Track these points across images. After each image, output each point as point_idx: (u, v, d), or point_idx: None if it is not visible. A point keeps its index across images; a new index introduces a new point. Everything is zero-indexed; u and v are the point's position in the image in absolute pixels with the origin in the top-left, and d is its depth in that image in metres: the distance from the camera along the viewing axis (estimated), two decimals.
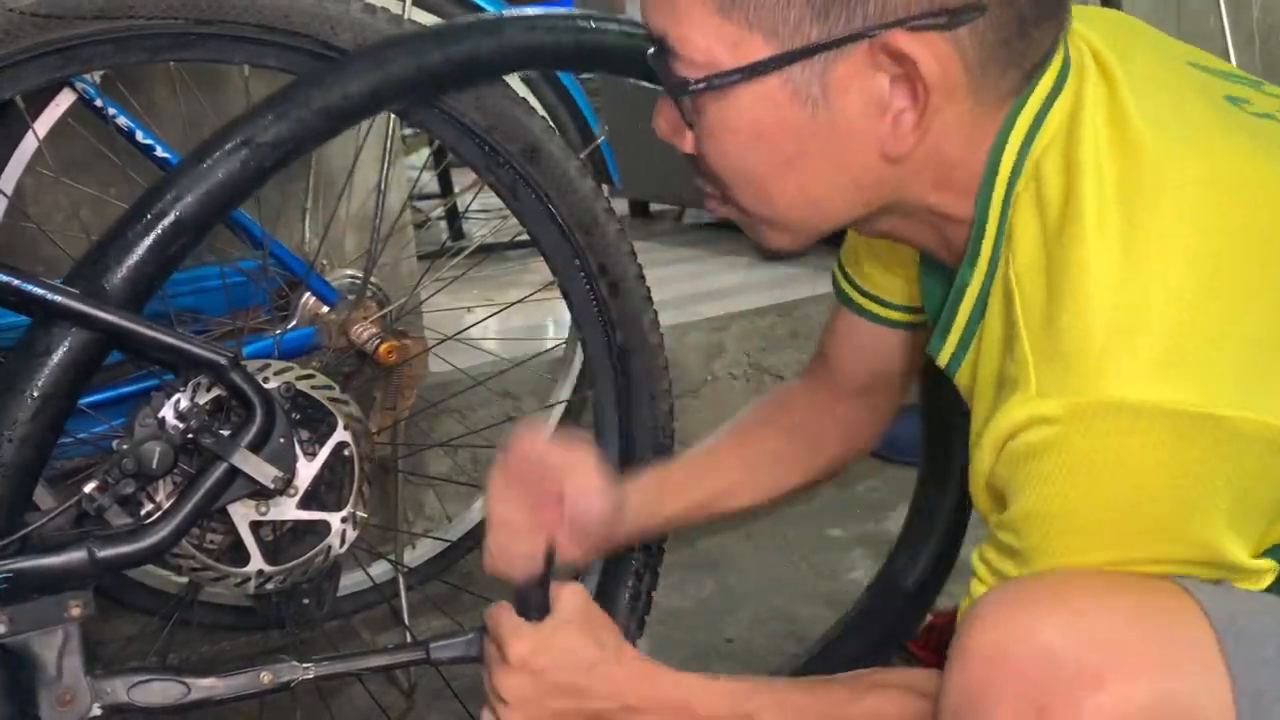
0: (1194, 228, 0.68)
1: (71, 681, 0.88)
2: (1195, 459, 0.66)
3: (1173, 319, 0.66)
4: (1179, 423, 0.65)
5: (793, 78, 0.71)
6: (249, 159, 0.92)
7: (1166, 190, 0.68)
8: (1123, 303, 0.66)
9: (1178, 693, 0.65)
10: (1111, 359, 0.65)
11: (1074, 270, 0.68)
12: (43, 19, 0.95)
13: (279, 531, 1.00)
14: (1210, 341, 0.66)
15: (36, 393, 0.86)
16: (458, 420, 1.84)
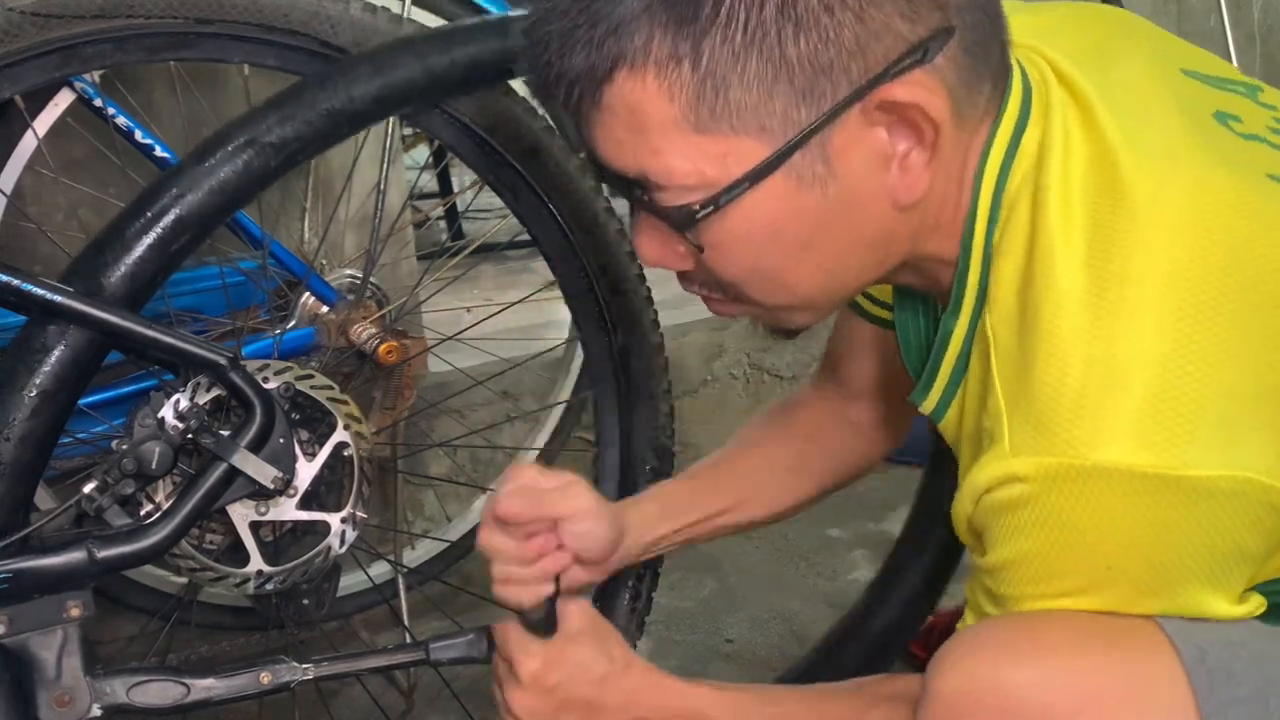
0: (1168, 275, 0.65)
1: (71, 682, 0.88)
2: (1170, 520, 0.64)
3: (1147, 379, 0.64)
4: (1153, 486, 0.63)
5: (795, 166, 0.67)
6: (253, 159, 0.92)
7: (1139, 234, 0.66)
8: (1095, 361, 0.64)
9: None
10: (1084, 421, 0.64)
11: (1045, 325, 0.66)
12: (42, 18, 0.95)
13: (278, 532, 1.00)
14: (1186, 401, 0.63)
15: (35, 391, 0.85)
16: (458, 420, 1.84)
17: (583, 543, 0.93)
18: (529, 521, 0.92)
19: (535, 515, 0.92)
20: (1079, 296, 0.66)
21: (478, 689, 1.44)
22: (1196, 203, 0.67)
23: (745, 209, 0.68)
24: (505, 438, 1.90)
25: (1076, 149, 0.69)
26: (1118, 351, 0.64)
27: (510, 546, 0.92)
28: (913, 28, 0.65)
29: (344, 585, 1.56)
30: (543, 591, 0.91)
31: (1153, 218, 0.66)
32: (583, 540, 0.93)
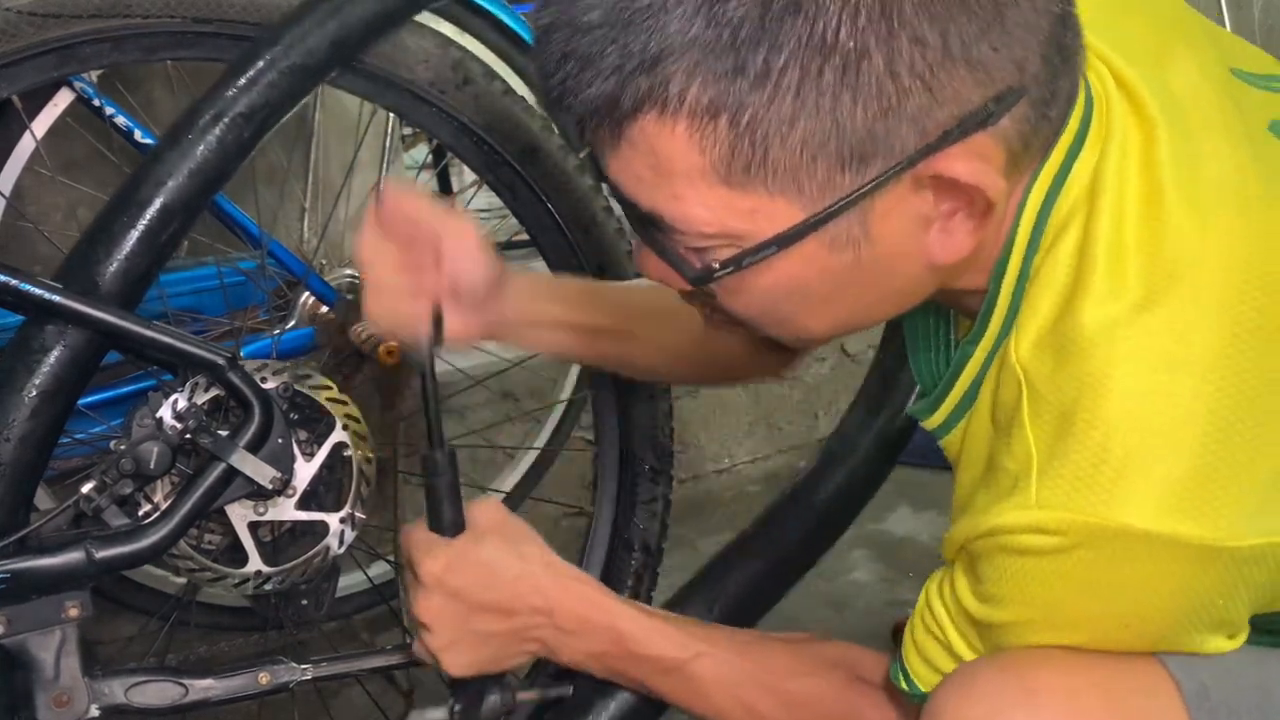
0: (1221, 328, 0.61)
1: (69, 682, 0.88)
2: (1203, 587, 0.63)
3: (1195, 446, 0.60)
4: (1192, 555, 0.61)
5: (829, 231, 0.62)
6: (225, 134, 0.90)
7: (1193, 282, 0.61)
8: (1149, 421, 0.61)
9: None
10: (1126, 485, 0.60)
11: (1093, 376, 0.61)
12: (40, 18, 0.95)
13: (277, 532, 1.00)
14: (1233, 471, 0.60)
15: (35, 391, 0.85)
16: (458, 420, 1.84)
17: (464, 268, 0.85)
18: (412, 228, 0.84)
19: (422, 221, 0.84)
20: (1132, 351, 0.61)
21: None
22: (1255, 243, 0.63)
23: (769, 267, 0.63)
24: (505, 438, 1.90)
25: (1132, 181, 0.64)
26: (1167, 419, 0.61)
27: (389, 252, 0.85)
28: (983, 91, 0.59)
29: (343, 585, 1.56)
30: (421, 316, 0.84)
31: (1208, 266, 0.62)
32: (465, 265, 0.85)
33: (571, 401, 1.74)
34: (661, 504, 1.21)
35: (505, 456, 1.84)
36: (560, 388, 1.79)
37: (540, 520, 1.96)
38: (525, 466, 1.75)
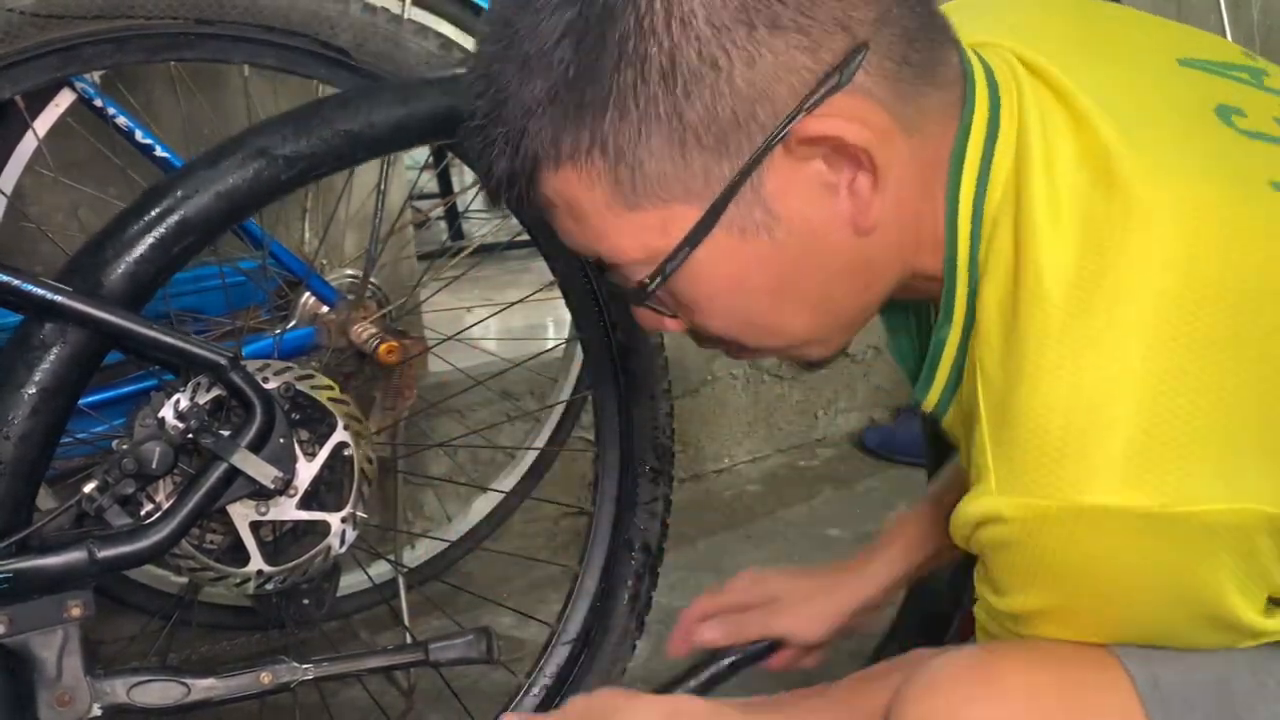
0: (1158, 302, 0.62)
1: (71, 682, 0.88)
2: (1174, 559, 0.63)
3: (1134, 414, 0.61)
4: (1146, 525, 0.61)
5: (733, 219, 0.66)
6: (263, 169, 0.91)
7: (1132, 251, 0.62)
8: (1080, 396, 0.61)
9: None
10: (1069, 462, 0.61)
11: (1029, 356, 0.63)
12: (42, 19, 0.95)
13: (279, 532, 1.00)
14: (1180, 435, 0.60)
15: (35, 389, 0.85)
16: (458, 420, 1.84)
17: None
18: None
19: None
20: (1063, 322, 0.62)
21: (478, 689, 1.44)
22: (1192, 222, 0.63)
23: (698, 271, 0.68)
24: (505, 438, 1.90)
25: (1061, 149, 0.66)
26: (1103, 385, 0.61)
27: None
28: (815, 56, 0.62)
29: (344, 585, 1.56)
30: None
31: (1147, 235, 0.62)
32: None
33: (571, 401, 1.74)
34: (662, 504, 1.21)
35: (505, 456, 1.85)
36: (560, 388, 1.79)
37: (540, 520, 1.97)
38: (525, 466, 1.75)
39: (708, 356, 2.20)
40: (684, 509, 2.01)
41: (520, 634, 1.59)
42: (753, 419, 2.28)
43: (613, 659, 1.20)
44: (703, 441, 2.21)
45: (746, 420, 2.27)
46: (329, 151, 0.93)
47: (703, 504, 2.07)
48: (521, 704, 1.17)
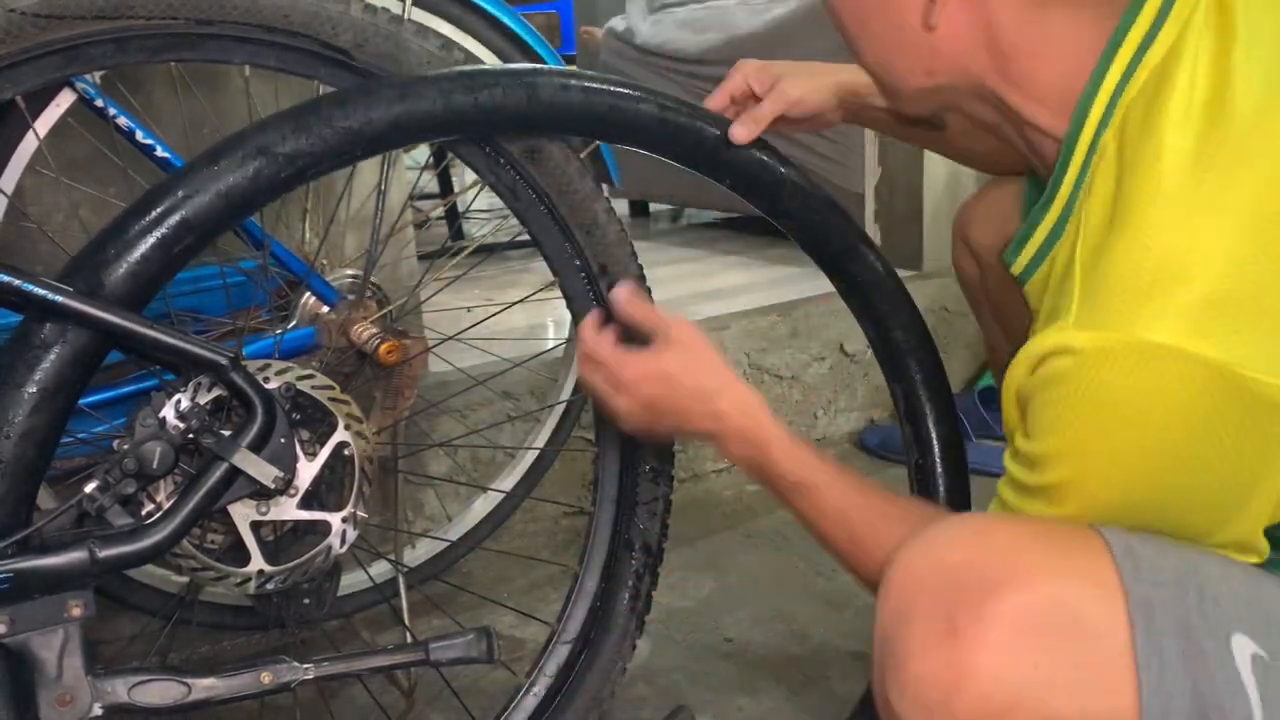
0: (1263, 188, 0.69)
1: (72, 681, 0.88)
2: (1209, 412, 0.67)
3: (1219, 273, 0.67)
4: (1203, 374, 0.66)
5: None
6: (263, 168, 0.91)
7: (1243, 165, 0.69)
8: (1175, 249, 0.68)
9: (1070, 599, 0.69)
10: (1149, 303, 0.67)
11: (1137, 211, 0.70)
12: (43, 19, 0.95)
13: (279, 531, 1.01)
14: (1252, 302, 0.67)
15: (36, 389, 0.86)
16: (458, 420, 1.84)
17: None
18: None
19: None
20: (1176, 190, 0.69)
21: (478, 689, 1.44)
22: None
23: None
24: (505, 438, 1.91)
25: (1202, 74, 0.73)
26: (1201, 242, 0.68)
27: None
28: None
29: (345, 584, 1.56)
30: None
31: (1259, 154, 0.70)
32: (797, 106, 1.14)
33: (571, 401, 1.74)
34: (662, 504, 1.21)
35: (505, 456, 1.85)
36: (560, 388, 1.79)
37: (541, 520, 1.97)
38: (525, 466, 1.75)
39: None
40: (684, 509, 2.02)
41: (520, 634, 1.59)
42: None
43: (613, 659, 1.20)
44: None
45: None
46: (328, 149, 0.93)
47: (703, 504, 2.07)
48: (521, 704, 1.18)
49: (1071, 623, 0.69)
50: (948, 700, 0.69)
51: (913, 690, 0.71)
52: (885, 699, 0.74)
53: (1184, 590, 0.70)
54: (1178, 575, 0.70)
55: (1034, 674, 0.67)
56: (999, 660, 0.68)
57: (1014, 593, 0.69)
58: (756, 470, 1.01)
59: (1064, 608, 0.69)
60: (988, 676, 0.68)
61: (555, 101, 1.01)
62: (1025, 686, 0.68)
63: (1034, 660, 0.68)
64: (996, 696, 0.68)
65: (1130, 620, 0.68)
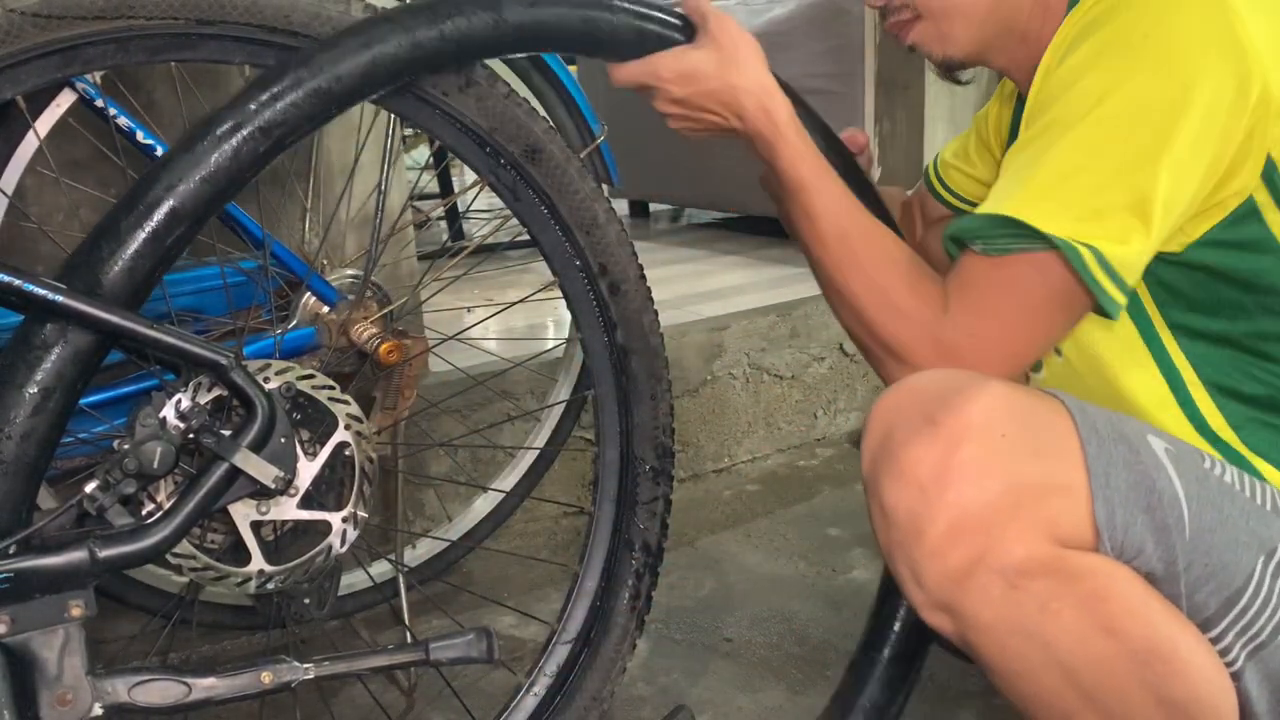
0: None
1: (72, 681, 0.88)
2: (1201, 60, 0.82)
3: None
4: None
5: None
6: (242, 145, 0.90)
7: None
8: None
9: (1023, 399, 0.83)
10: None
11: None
12: (43, 19, 0.95)
13: (280, 531, 1.01)
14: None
15: (36, 389, 0.86)
16: (458, 420, 1.84)
17: None
18: None
19: None
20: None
21: (478, 689, 1.44)
22: None
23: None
24: (505, 438, 1.91)
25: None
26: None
27: None
28: None
29: (345, 584, 1.56)
30: None
31: None
32: None
33: (571, 401, 1.74)
34: (662, 503, 1.21)
35: (505, 456, 1.85)
36: (561, 388, 1.79)
37: (540, 520, 1.97)
38: (525, 466, 1.75)
39: (708, 357, 2.21)
40: (684, 509, 2.02)
41: (520, 633, 1.59)
42: (752, 419, 2.29)
43: (613, 658, 1.20)
44: (703, 441, 2.22)
45: (746, 420, 2.28)
46: (302, 114, 0.93)
47: (703, 504, 2.07)
48: (521, 704, 1.18)
49: (1027, 410, 0.82)
50: (938, 473, 0.79)
51: (908, 472, 0.81)
52: (882, 503, 0.83)
53: (1107, 411, 0.85)
54: (1102, 408, 0.85)
55: (1003, 442, 0.80)
56: (974, 433, 0.79)
57: (980, 390, 0.81)
58: (770, 170, 1.06)
59: (1019, 400, 0.82)
60: (966, 447, 0.79)
61: (523, 20, 1.01)
62: (998, 453, 0.80)
63: (1001, 431, 0.80)
64: (976, 462, 0.79)
65: (1071, 414, 0.82)
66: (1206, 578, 0.80)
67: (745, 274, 2.87)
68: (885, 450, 0.83)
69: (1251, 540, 0.81)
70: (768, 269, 2.90)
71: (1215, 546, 0.80)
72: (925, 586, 0.82)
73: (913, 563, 0.82)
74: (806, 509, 2.02)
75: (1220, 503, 0.81)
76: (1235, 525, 0.81)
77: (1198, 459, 0.84)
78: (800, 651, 1.53)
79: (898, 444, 0.82)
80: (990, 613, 0.80)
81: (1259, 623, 0.81)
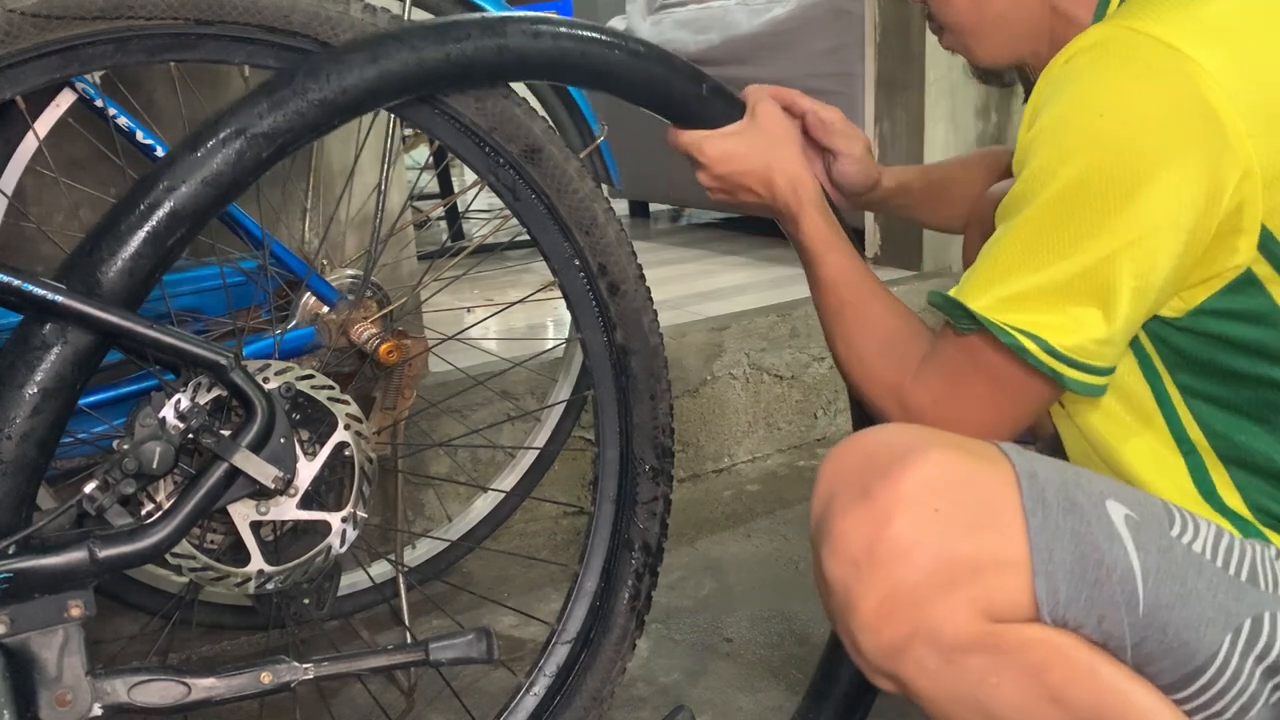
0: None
1: (71, 681, 0.88)
2: (1170, 132, 0.79)
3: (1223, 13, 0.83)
4: (1182, 79, 0.79)
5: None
6: (245, 150, 0.91)
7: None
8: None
9: (965, 465, 0.80)
10: (1165, 11, 0.82)
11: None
12: (43, 19, 0.95)
13: (279, 531, 1.01)
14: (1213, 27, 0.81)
15: (36, 389, 0.86)
16: (458, 420, 1.84)
17: (844, 182, 1.20)
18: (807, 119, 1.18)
19: (815, 136, 1.18)
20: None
21: (478, 688, 1.44)
22: None
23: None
24: (505, 438, 1.91)
25: None
26: None
27: (789, 130, 1.16)
28: None
29: (345, 584, 1.56)
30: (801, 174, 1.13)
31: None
32: (845, 180, 1.20)
33: (571, 401, 1.74)
34: (662, 503, 1.21)
35: (505, 456, 1.85)
36: (561, 388, 1.79)
37: (540, 520, 1.97)
38: (525, 466, 1.75)
39: (708, 357, 2.20)
40: (684, 509, 2.02)
41: (520, 633, 1.59)
42: (752, 419, 2.29)
43: (613, 658, 1.20)
44: (703, 441, 2.22)
45: (746, 420, 2.28)
46: (306, 123, 0.93)
47: (703, 504, 2.07)
48: (521, 704, 1.18)
49: (967, 480, 0.80)
50: (869, 547, 0.79)
51: (840, 546, 0.80)
52: (821, 572, 0.83)
53: (1063, 470, 0.82)
54: (1058, 465, 0.82)
55: (936, 517, 0.78)
56: (905, 507, 0.78)
57: (917, 460, 0.80)
58: (794, 242, 1.13)
59: (960, 469, 0.80)
60: (897, 522, 0.78)
61: (526, 49, 1.02)
62: (929, 529, 0.78)
63: (935, 505, 0.78)
64: (905, 538, 0.78)
65: (1018, 482, 0.79)
66: (1161, 654, 0.78)
67: (745, 274, 2.87)
68: (825, 519, 0.83)
69: (1218, 616, 0.77)
70: (768, 269, 2.90)
71: (1173, 623, 0.77)
72: (863, 655, 0.82)
73: (850, 633, 0.81)
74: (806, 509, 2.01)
75: (1184, 575, 0.78)
76: (1199, 600, 0.77)
77: (1164, 526, 0.80)
78: (800, 651, 1.52)
79: (834, 513, 0.82)
80: (929, 683, 0.80)
81: (1221, 702, 0.78)
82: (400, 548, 1.62)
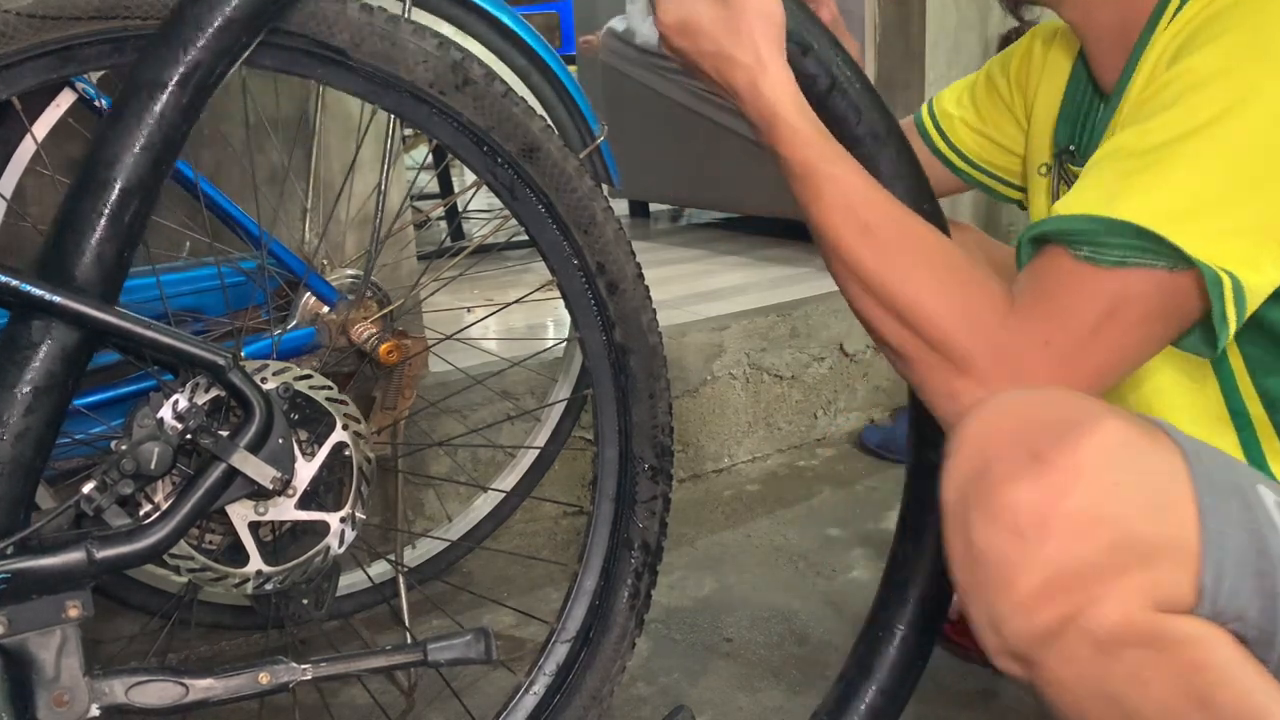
0: None
1: (69, 682, 0.88)
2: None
3: None
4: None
5: None
6: (167, 102, 0.88)
7: None
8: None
9: (1138, 439, 0.73)
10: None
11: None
12: (38, 20, 0.95)
13: (278, 532, 1.00)
14: None
15: (28, 388, 0.85)
16: (458, 420, 1.84)
17: None
18: None
19: None
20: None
21: (478, 688, 1.44)
22: None
23: None
24: (505, 437, 1.91)
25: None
26: None
27: None
28: None
29: (344, 584, 1.56)
30: None
31: None
32: None
33: (571, 401, 1.74)
34: (661, 503, 1.21)
35: (505, 456, 1.85)
36: (560, 388, 1.79)
37: (540, 519, 1.97)
38: (525, 466, 1.75)
39: (707, 357, 2.20)
40: (684, 509, 2.02)
41: (520, 633, 1.59)
42: (752, 419, 2.28)
43: (613, 657, 1.20)
44: (703, 441, 2.22)
45: (746, 420, 2.28)
46: (212, 52, 0.90)
47: (703, 504, 2.07)
48: (521, 703, 1.18)
49: (1143, 455, 0.72)
50: (1042, 519, 0.71)
51: (1006, 515, 0.72)
52: (970, 542, 0.74)
53: (1215, 450, 0.75)
54: (1206, 444, 0.75)
55: (1115, 491, 0.71)
56: (1087, 478, 0.71)
57: (1095, 426, 0.72)
58: (778, 162, 0.95)
59: (1136, 444, 0.72)
60: (1077, 494, 0.71)
61: None
62: (1108, 504, 0.71)
63: (1115, 478, 0.71)
64: (1086, 512, 0.71)
65: (1187, 462, 0.72)
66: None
67: (745, 274, 2.87)
68: (981, 484, 0.74)
69: None
70: (768, 269, 2.90)
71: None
72: (1004, 636, 0.74)
73: (994, 611, 0.74)
74: (806, 509, 2.02)
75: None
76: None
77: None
78: (800, 651, 1.52)
79: (996, 479, 0.73)
80: (1072, 673, 0.73)
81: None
82: (400, 548, 1.62)
